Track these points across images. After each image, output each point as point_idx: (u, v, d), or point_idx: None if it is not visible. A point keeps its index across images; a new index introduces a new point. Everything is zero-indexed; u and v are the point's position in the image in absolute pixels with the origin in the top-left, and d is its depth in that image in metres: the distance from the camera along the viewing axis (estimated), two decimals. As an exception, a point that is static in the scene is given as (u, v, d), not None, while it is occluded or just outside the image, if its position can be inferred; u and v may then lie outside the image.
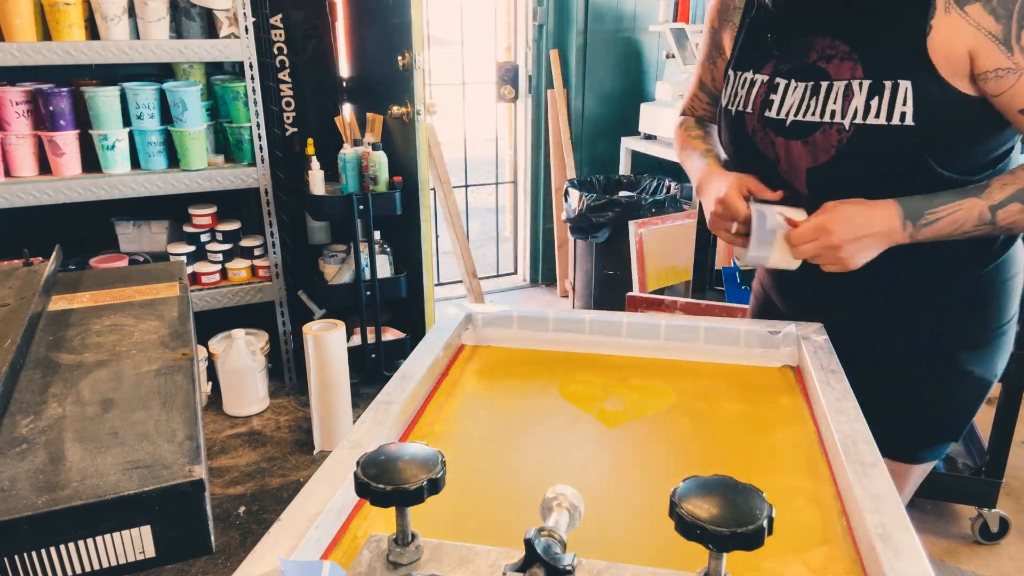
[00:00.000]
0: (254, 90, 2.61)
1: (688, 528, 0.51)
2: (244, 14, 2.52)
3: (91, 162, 2.50)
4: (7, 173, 2.41)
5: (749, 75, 1.12)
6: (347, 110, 3.16)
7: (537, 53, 3.77)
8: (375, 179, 2.66)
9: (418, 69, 2.57)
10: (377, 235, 2.79)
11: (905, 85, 0.96)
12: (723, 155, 1.23)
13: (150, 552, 0.80)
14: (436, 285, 3.53)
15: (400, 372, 0.97)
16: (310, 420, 2.57)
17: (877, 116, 0.98)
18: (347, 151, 2.64)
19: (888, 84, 0.97)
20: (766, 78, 1.09)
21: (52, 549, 0.76)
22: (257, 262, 2.83)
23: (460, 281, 3.85)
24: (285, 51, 2.87)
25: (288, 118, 2.96)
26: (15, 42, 2.27)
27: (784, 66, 1.07)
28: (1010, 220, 0.96)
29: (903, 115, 0.96)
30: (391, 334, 2.98)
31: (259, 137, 2.65)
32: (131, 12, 2.42)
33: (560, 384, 1.03)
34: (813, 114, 1.03)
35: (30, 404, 0.95)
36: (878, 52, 0.98)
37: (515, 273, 4.30)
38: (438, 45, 4.45)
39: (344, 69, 3.12)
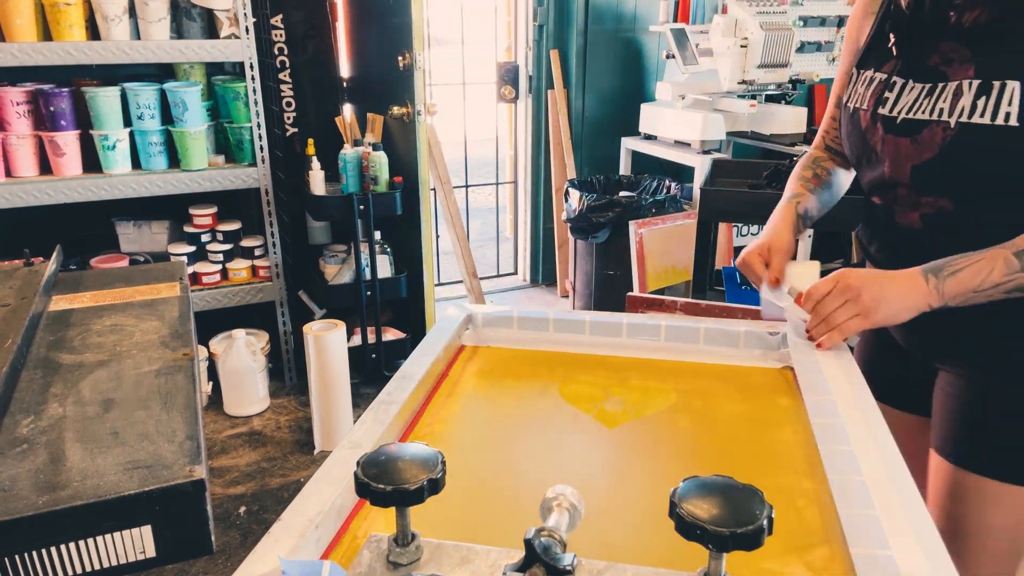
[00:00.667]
0: (255, 90, 2.61)
1: (688, 528, 0.52)
2: (244, 14, 2.52)
3: (92, 162, 2.50)
4: (8, 173, 2.41)
5: (870, 73, 1.14)
6: (347, 110, 3.16)
7: (537, 53, 3.77)
8: (375, 179, 2.66)
9: (418, 69, 2.57)
10: (377, 235, 2.79)
11: (1013, 86, 0.96)
12: (813, 208, 1.28)
13: (150, 552, 0.80)
14: (436, 285, 3.53)
15: (400, 372, 0.97)
16: (310, 420, 2.57)
17: (983, 116, 0.98)
18: (347, 151, 2.65)
19: (996, 84, 0.97)
20: (884, 76, 1.11)
21: (52, 549, 0.76)
22: (257, 262, 2.84)
23: (460, 281, 3.85)
24: (286, 51, 2.88)
25: (288, 118, 2.96)
26: (16, 42, 2.28)
27: (904, 66, 1.09)
28: None
29: (1007, 115, 0.96)
30: (391, 334, 2.98)
31: (260, 137, 2.65)
32: (132, 12, 2.42)
33: (560, 384, 1.03)
34: (923, 112, 1.04)
35: (31, 404, 0.95)
36: (994, 53, 0.99)
37: (515, 273, 4.30)
38: (438, 45, 4.45)
39: (344, 69, 3.12)
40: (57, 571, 0.77)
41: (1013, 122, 0.95)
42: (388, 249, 2.88)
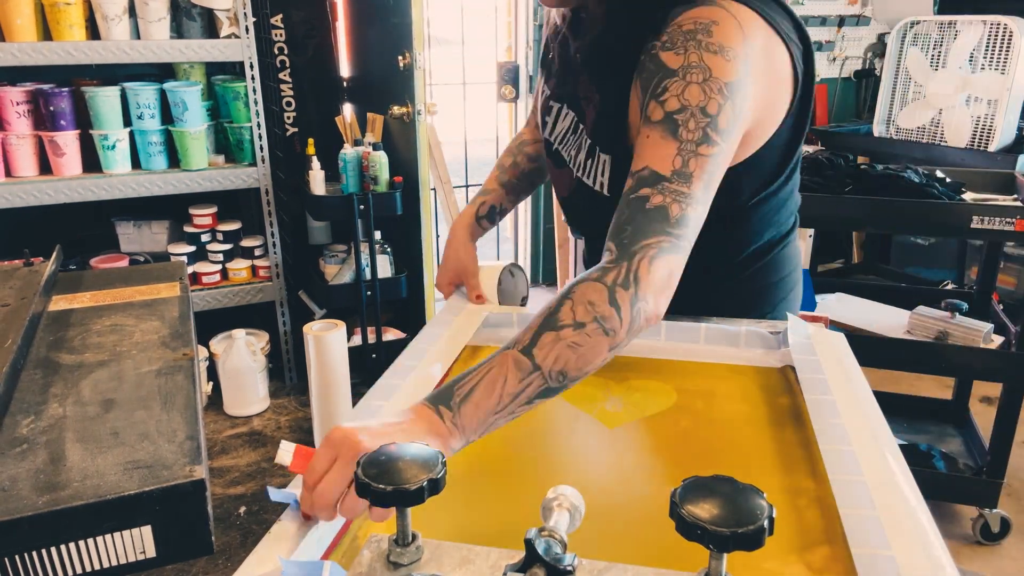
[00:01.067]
0: (255, 90, 2.61)
1: (688, 528, 0.51)
2: (245, 14, 2.52)
3: (92, 162, 2.50)
4: (8, 173, 2.41)
5: (542, 81, 1.14)
6: (348, 110, 3.16)
7: (537, 53, 3.76)
8: (375, 179, 2.66)
9: (419, 69, 2.57)
10: (378, 235, 2.79)
11: (605, 158, 0.98)
12: (503, 201, 1.30)
13: (151, 552, 0.80)
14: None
15: (393, 368, 0.97)
16: (311, 420, 2.57)
17: (588, 177, 1.02)
18: (348, 151, 2.64)
19: (597, 149, 1.00)
20: (548, 93, 1.11)
21: (52, 549, 0.76)
22: (257, 262, 2.83)
23: (460, 281, 3.85)
24: (286, 51, 2.87)
25: (289, 118, 2.96)
26: (15, 42, 2.27)
27: (559, 89, 1.08)
28: (553, 357, 0.75)
29: (601, 184, 1.00)
30: (392, 334, 2.98)
31: (260, 137, 2.65)
32: (131, 12, 2.42)
33: (561, 384, 1.03)
34: (566, 151, 1.07)
35: (31, 404, 0.95)
36: (604, 116, 0.98)
37: (515, 273, 4.30)
38: (439, 45, 4.45)
39: (345, 69, 3.12)
40: (57, 571, 0.77)
41: (605, 192, 1.00)
42: (388, 249, 2.88)
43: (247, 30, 2.53)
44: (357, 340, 2.85)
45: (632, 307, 0.78)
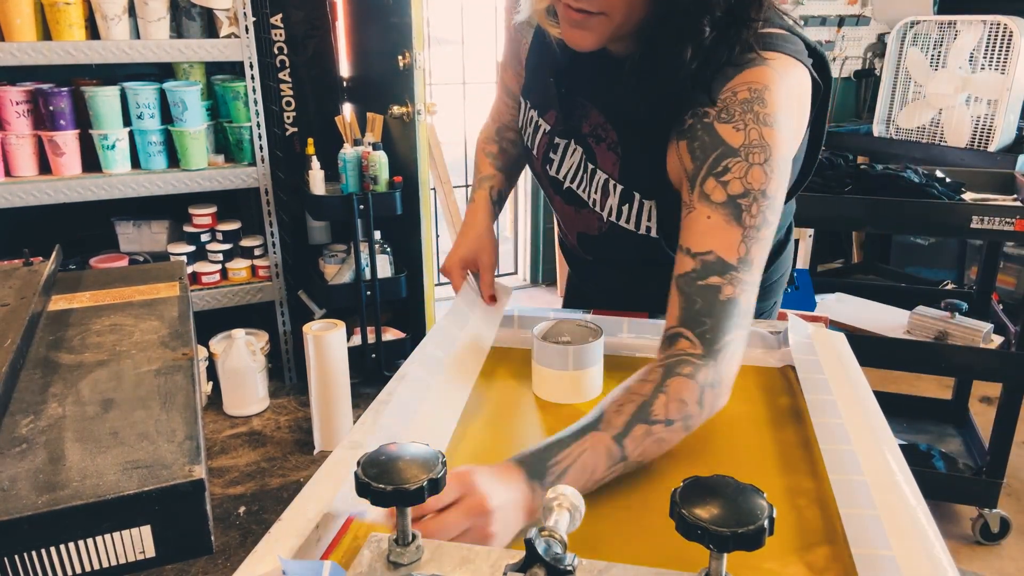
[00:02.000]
0: (254, 90, 2.61)
1: (689, 528, 0.51)
2: (244, 14, 2.52)
3: (91, 162, 2.50)
4: (7, 173, 2.41)
5: (535, 115, 1.09)
6: (347, 110, 3.16)
7: (537, 53, 3.76)
8: (375, 179, 2.66)
9: (418, 69, 2.57)
10: (377, 235, 2.79)
11: (649, 204, 0.98)
12: (504, 187, 1.25)
13: (150, 552, 0.80)
14: (436, 285, 3.52)
15: (400, 372, 0.97)
16: (310, 420, 2.57)
17: (628, 222, 1.01)
18: (347, 151, 2.64)
19: (637, 196, 0.98)
20: (548, 128, 1.07)
21: (52, 549, 0.76)
22: (257, 262, 2.83)
23: (460, 281, 3.85)
24: (285, 51, 2.87)
25: (288, 118, 2.96)
26: (15, 42, 2.27)
27: (564, 125, 1.05)
28: (640, 450, 0.78)
29: (648, 228, 1.00)
30: (391, 334, 2.98)
31: (259, 137, 2.65)
32: (131, 12, 2.42)
33: (560, 384, 1.03)
34: (583, 191, 1.05)
35: (30, 404, 0.95)
36: (633, 161, 0.98)
37: (515, 273, 4.30)
38: (438, 45, 4.45)
39: (344, 69, 3.11)
40: (56, 571, 0.77)
41: (654, 234, 1.00)
42: (388, 249, 2.88)
43: (247, 30, 2.53)
44: (357, 340, 2.85)
45: (713, 405, 0.84)
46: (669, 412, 0.79)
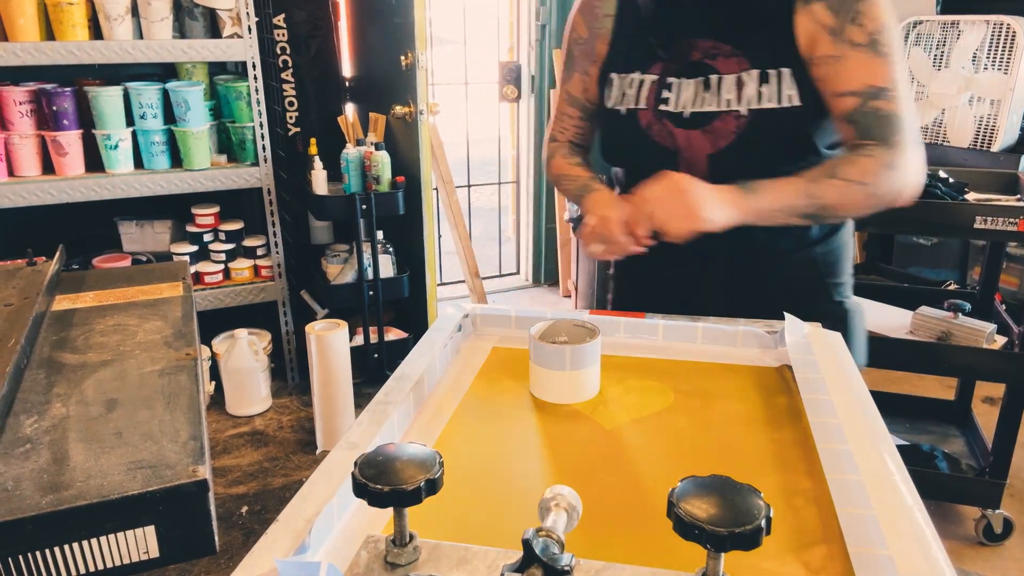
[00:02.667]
0: (257, 90, 2.61)
1: (686, 528, 0.52)
2: (247, 14, 2.53)
3: (94, 162, 2.51)
4: (11, 173, 2.42)
5: (636, 76, 1.19)
6: (350, 110, 3.16)
7: (540, 53, 3.77)
8: (378, 179, 2.66)
9: (421, 69, 2.57)
10: (380, 235, 2.80)
11: (787, 72, 1.09)
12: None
13: (154, 552, 0.80)
14: (439, 285, 3.53)
15: (398, 372, 0.98)
16: (312, 420, 2.58)
17: (770, 101, 1.10)
18: (350, 151, 2.65)
19: (772, 73, 1.10)
20: (656, 78, 1.17)
21: (56, 549, 0.76)
22: (260, 262, 2.84)
23: (462, 281, 3.85)
24: (288, 51, 2.88)
25: (291, 118, 2.96)
26: (19, 42, 2.28)
27: (673, 66, 1.16)
28: (826, 195, 1.04)
29: (790, 97, 1.09)
30: (394, 334, 2.98)
31: (262, 137, 2.65)
32: (134, 12, 2.43)
33: (560, 384, 1.03)
34: (710, 105, 1.13)
35: (34, 404, 0.96)
36: (758, 46, 1.11)
37: (518, 273, 4.31)
38: (441, 45, 4.45)
39: (347, 69, 3.12)
40: (61, 571, 0.77)
41: (796, 102, 1.09)
42: (390, 249, 2.89)
43: (249, 30, 2.54)
44: (359, 340, 2.86)
45: (892, 185, 1.05)
46: (850, 174, 1.04)
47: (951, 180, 2.16)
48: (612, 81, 1.21)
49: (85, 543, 0.77)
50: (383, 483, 0.56)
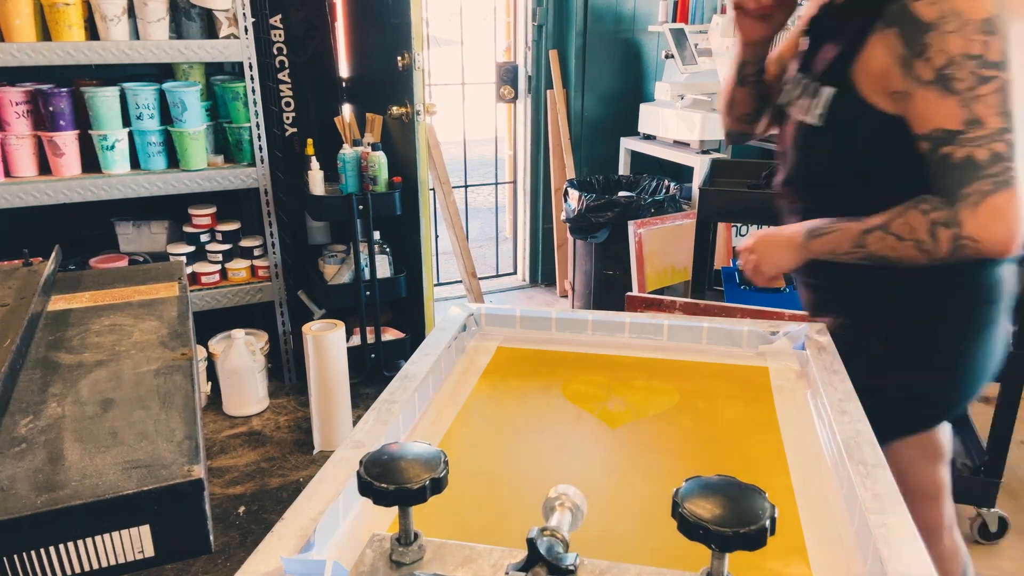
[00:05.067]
0: (254, 90, 2.60)
1: (691, 528, 0.51)
2: (244, 14, 2.52)
3: (91, 162, 2.50)
4: (7, 173, 2.40)
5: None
6: (347, 110, 3.15)
7: (537, 53, 3.76)
8: (375, 179, 2.65)
9: (418, 69, 2.57)
10: (377, 235, 2.79)
11: (828, 91, 1.05)
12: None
13: (149, 552, 0.80)
14: (436, 285, 3.52)
15: (403, 372, 0.97)
16: (310, 420, 2.57)
17: (805, 113, 1.09)
18: (347, 151, 2.64)
19: (817, 85, 1.08)
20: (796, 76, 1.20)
21: (51, 549, 0.76)
22: (257, 262, 2.83)
23: (460, 281, 3.85)
24: (285, 51, 2.87)
25: (288, 118, 2.95)
26: (15, 42, 2.27)
27: (803, 64, 1.18)
28: (875, 247, 1.01)
29: (819, 116, 1.07)
30: (391, 334, 2.97)
31: (259, 137, 2.64)
32: (131, 12, 2.42)
33: (563, 384, 1.03)
34: (791, 102, 1.16)
35: (30, 404, 0.95)
36: (824, 58, 1.09)
37: (515, 273, 4.30)
38: (438, 45, 4.45)
39: (344, 69, 3.11)
40: (56, 571, 0.77)
41: (817, 122, 1.07)
42: (387, 249, 2.88)
43: (246, 30, 2.53)
44: (356, 340, 2.85)
45: (949, 243, 0.95)
46: (899, 229, 0.99)
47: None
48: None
49: (80, 543, 0.77)
50: (388, 482, 0.55)
